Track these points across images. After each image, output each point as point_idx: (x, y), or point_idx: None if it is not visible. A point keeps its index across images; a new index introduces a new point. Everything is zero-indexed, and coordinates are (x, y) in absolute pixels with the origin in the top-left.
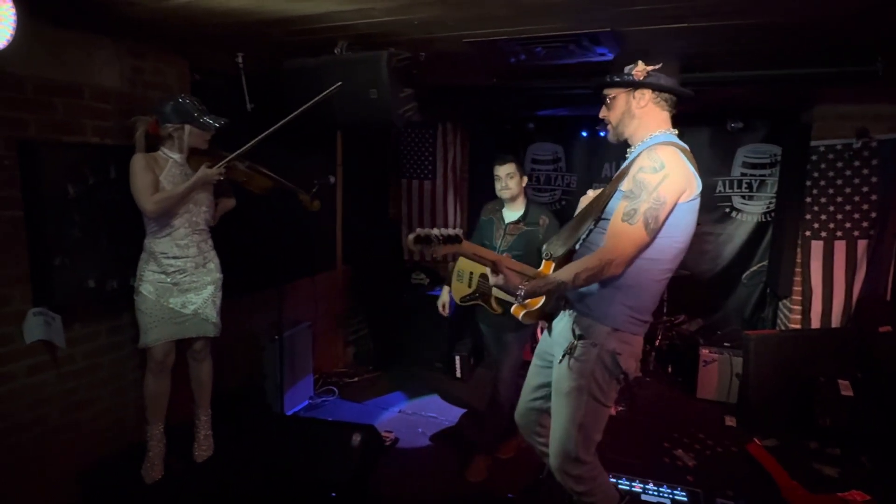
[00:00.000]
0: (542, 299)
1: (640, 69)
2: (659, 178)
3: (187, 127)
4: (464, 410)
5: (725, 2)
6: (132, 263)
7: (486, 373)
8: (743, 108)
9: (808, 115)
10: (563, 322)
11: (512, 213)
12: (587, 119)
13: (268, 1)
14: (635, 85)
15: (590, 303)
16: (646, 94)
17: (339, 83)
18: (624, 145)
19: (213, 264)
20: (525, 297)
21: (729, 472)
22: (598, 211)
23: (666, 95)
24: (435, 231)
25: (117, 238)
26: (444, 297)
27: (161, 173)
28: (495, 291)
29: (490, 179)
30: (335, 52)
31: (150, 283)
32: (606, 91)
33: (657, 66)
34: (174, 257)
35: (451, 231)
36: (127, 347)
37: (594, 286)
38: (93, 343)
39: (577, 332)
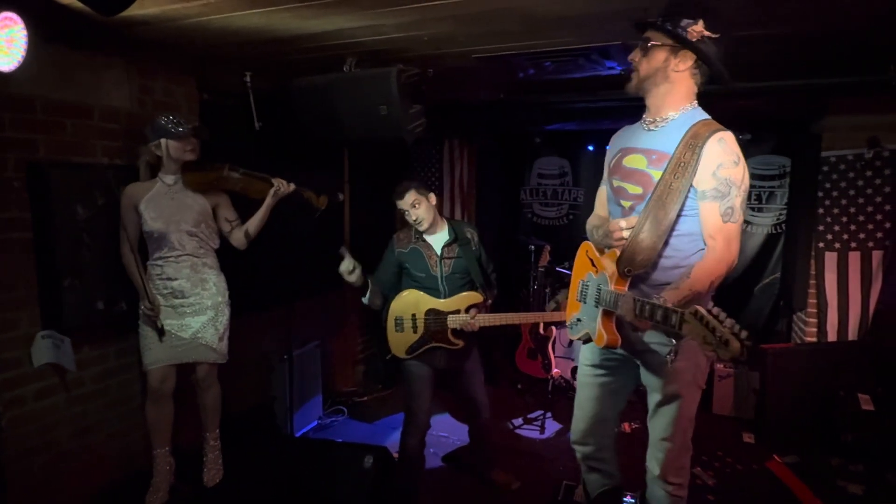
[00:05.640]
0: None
1: (697, 29)
2: (741, 170)
3: (163, 141)
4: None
5: (741, 13)
6: None
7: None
8: (750, 120)
9: (817, 126)
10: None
11: (439, 237)
12: (594, 133)
13: (278, 19)
14: (685, 44)
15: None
16: (689, 60)
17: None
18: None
19: (215, 287)
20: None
21: (750, 490)
22: (673, 211)
23: (705, 69)
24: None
25: None
26: (348, 264)
27: (145, 196)
28: (450, 321)
29: (497, 194)
30: (344, 69)
31: None
32: (650, 34)
33: (715, 35)
34: (167, 278)
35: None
36: (135, 370)
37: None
38: (101, 366)
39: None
